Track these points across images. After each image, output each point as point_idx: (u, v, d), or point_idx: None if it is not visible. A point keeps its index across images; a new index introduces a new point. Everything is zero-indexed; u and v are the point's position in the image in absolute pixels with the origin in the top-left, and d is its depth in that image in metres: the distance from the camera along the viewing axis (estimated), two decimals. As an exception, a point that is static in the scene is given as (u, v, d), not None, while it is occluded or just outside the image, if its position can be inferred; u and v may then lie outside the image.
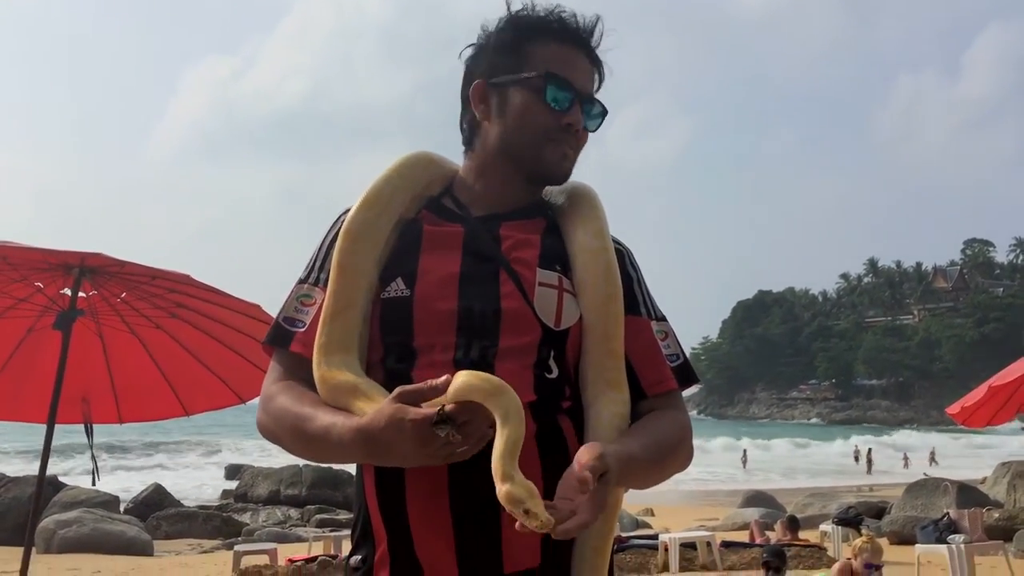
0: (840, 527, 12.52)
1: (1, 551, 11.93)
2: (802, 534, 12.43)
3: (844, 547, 11.05)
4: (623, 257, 1.63)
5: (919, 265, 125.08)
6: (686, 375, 1.60)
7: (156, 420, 5.29)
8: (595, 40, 1.61)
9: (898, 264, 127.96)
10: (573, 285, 1.54)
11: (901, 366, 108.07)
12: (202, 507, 20.58)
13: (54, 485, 16.47)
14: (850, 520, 12.88)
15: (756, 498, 19.94)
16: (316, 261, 1.60)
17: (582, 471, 1.28)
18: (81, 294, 4.38)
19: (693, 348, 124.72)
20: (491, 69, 1.60)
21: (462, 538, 1.40)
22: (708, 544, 11.21)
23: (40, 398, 4.42)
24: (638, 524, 16.63)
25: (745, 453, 44.29)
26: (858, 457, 44.72)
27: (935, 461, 42.16)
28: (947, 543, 9.57)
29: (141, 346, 4.73)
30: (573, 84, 1.57)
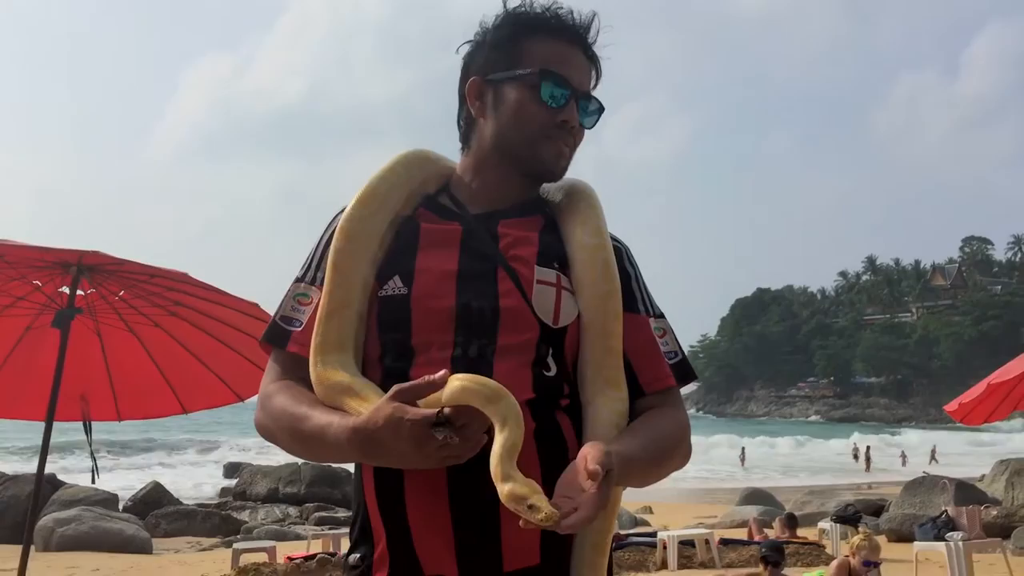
0: (838, 525, 12.53)
1: (0, 549, 11.92)
2: (800, 532, 12.45)
3: (842, 545, 11.06)
4: (621, 254, 1.62)
5: (918, 263, 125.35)
6: (684, 372, 1.60)
7: (155, 418, 5.29)
8: (592, 37, 1.61)
9: (897, 262, 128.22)
10: (571, 283, 1.54)
11: (899, 364, 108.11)
12: (201, 505, 20.55)
13: (53, 483, 16.43)
14: (848, 518, 12.89)
15: (754, 496, 19.95)
16: (313, 260, 1.60)
17: (592, 464, 1.27)
18: (79, 292, 4.38)
19: (692, 346, 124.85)
20: (487, 66, 1.60)
21: (461, 537, 1.39)
22: (706, 542, 11.23)
23: (39, 396, 4.41)
24: (637, 522, 16.61)
25: (743, 451, 44.28)
26: (857, 455, 44.73)
27: (936, 459, 42.14)
28: (945, 540, 9.59)
29: (139, 344, 4.73)
30: (569, 81, 1.56)
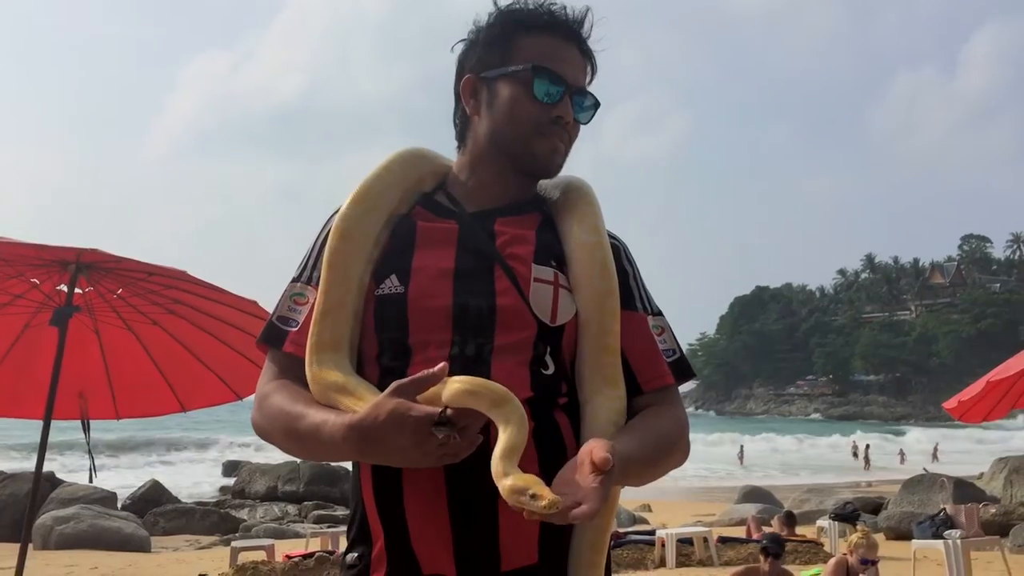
0: (837, 523, 12.54)
1: (-2, 547, 11.91)
2: (799, 530, 12.46)
3: (840, 542, 11.06)
4: (619, 252, 1.62)
5: (916, 261, 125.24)
6: (683, 370, 1.60)
7: (153, 416, 5.28)
8: (586, 32, 1.60)
9: (895, 260, 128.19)
10: (569, 281, 1.54)
11: (898, 362, 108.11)
12: (200, 503, 20.56)
13: (51, 481, 16.41)
14: (847, 516, 12.89)
15: (753, 494, 19.95)
16: (309, 260, 1.59)
17: (602, 452, 1.26)
18: (77, 290, 4.37)
19: (690, 344, 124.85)
20: (481, 63, 1.60)
21: (459, 536, 1.39)
22: (705, 540, 11.24)
23: (37, 394, 4.41)
24: (635, 520, 16.62)
25: (742, 449, 44.27)
26: (856, 453, 44.75)
27: (937, 457, 42.14)
28: (943, 538, 9.59)
29: (138, 342, 4.73)
30: (563, 76, 1.56)
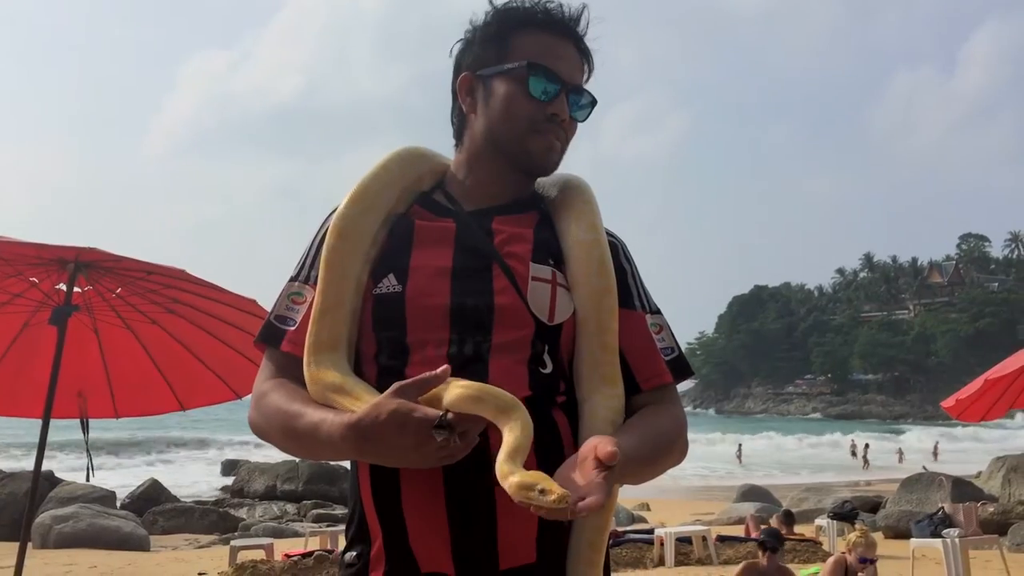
0: (835, 521, 12.55)
1: (-3, 546, 11.91)
2: (797, 528, 12.45)
3: (839, 541, 11.07)
4: (617, 250, 1.62)
5: (915, 260, 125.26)
6: (681, 368, 1.59)
7: (152, 415, 5.29)
8: (582, 29, 1.60)
9: (894, 259, 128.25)
10: (567, 279, 1.54)
11: (897, 361, 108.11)
12: (199, 502, 20.56)
13: (50, 480, 16.41)
14: (845, 514, 12.91)
15: (752, 492, 19.94)
16: (307, 259, 1.59)
17: (604, 448, 1.26)
18: (76, 289, 4.37)
19: (689, 343, 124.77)
20: (477, 62, 1.60)
21: (458, 535, 1.39)
22: (704, 538, 11.25)
23: (36, 393, 4.41)
24: (634, 519, 16.63)
25: (740, 447, 44.25)
26: (855, 452, 44.75)
27: (937, 456, 42.14)
28: (942, 537, 9.60)
29: (137, 341, 4.73)
30: (559, 74, 1.56)
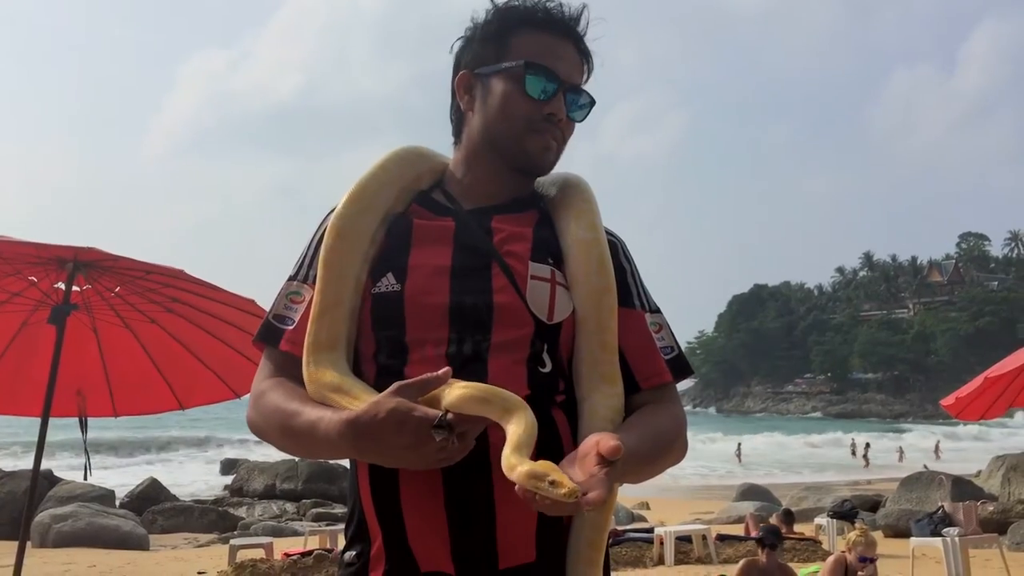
0: (835, 520, 12.56)
1: (-4, 545, 11.90)
2: (797, 527, 12.46)
3: (839, 540, 11.08)
4: (616, 249, 1.61)
5: (914, 259, 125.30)
6: (680, 367, 1.59)
7: (151, 414, 5.29)
8: (582, 29, 1.60)
9: (893, 258, 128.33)
10: (566, 278, 1.53)
11: (896, 360, 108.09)
12: (198, 501, 20.54)
13: (49, 479, 16.40)
14: (845, 513, 12.93)
15: (751, 492, 19.95)
16: (305, 258, 1.59)
17: (608, 443, 1.25)
18: (75, 288, 4.38)
19: (689, 342, 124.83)
20: (475, 60, 1.60)
21: (457, 534, 1.39)
22: (703, 537, 11.25)
23: (35, 392, 4.41)
24: (634, 517, 16.62)
25: (739, 447, 44.24)
26: (854, 451, 44.76)
27: (939, 455, 42.13)
28: (942, 536, 9.61)
29: (135, 340, 4.73)
30: (557, 73, 1.55)
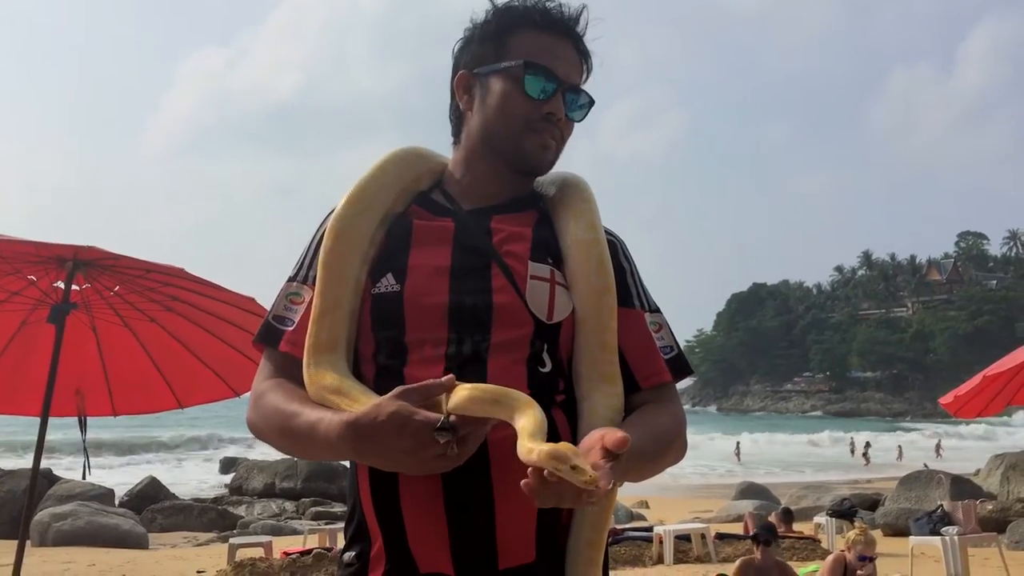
0: (834, 519, 12.57)
1: (-4, 544, 11.90)
2: (796, 526, 12.47)
3: (838, 539, 11.09)
4: (616, 248, 1.61)
5: (913, 258, 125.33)
6: (680, 367, 1.59)
7: (150, 413, 5.28)
8: (580, 29, 1.60)
9: (892, 257, 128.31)
10: (565, 278, 1.53)
11: (895, 358, 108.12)
12: (197, 500, 20.50)
13: (48, 478, 16.40)
14: (844, 512, 12.94)
15: (750, 490, 19.94)
16: (305, 259, 1.60)
17: (614, 436, 1.24)
18: (74, 287, 4.37)
19: (687, 341, 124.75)
20: (474, 60, 1.60)
21: (456, 535, 1.39)
22: (703, 536, 11.25)
23: (34, 391, 4.41)
24: (633, 516, 16.63)
25: (738, 445, 44.21)
26: (853, 449, 44.77)
27: (940, 454, 42.12)
28: (941, 535, 9.62)
29: (135, 339, 4.72)
30: (555, 73, 1.56)
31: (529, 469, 1.20)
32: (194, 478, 28.57)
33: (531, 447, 1.21)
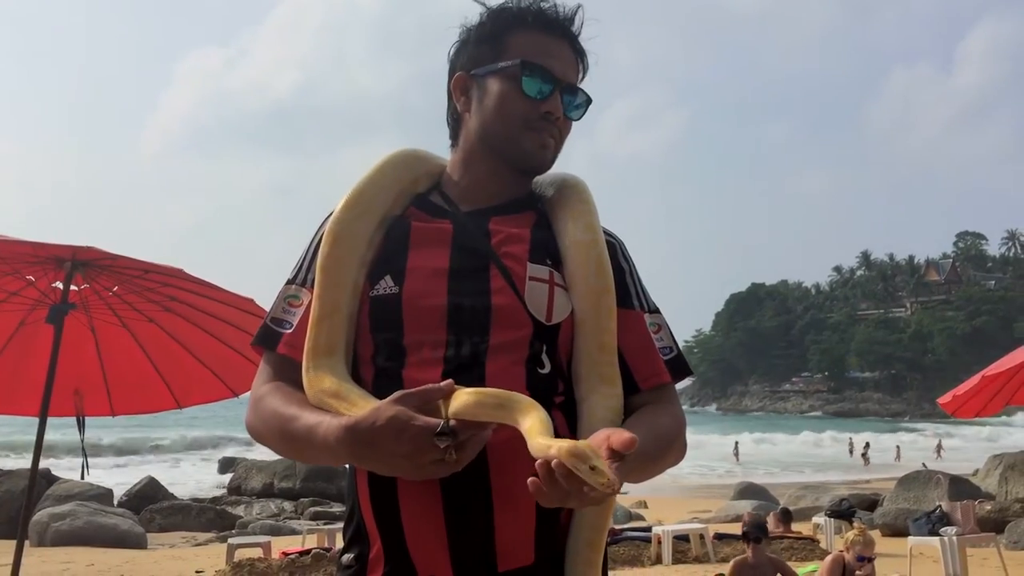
0: (833, 519, 12.57)
1: (-6, 544, 11.88)
2: (795, 526, 12.46)
3: (837, 539, 11.08)
4: (615, 249, 1.61)
5: (912, 258, 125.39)
6: (679, 368, 1.59)
7: (149, 413, 5.28)
8: (576, 28, 1.60)
9: (891, 257, 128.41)
10: (564, 279, 1.53)
11: (893, 359, 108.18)
12: (196, 500, 20.49)
13: (47, 478, 16.39)
14: (843, 512, 12.92)
15: (749, 491, 19.93)
16: (304, 262, 1.59)
17: (621, 437, 1.23)
18: (73, 288, 4.37)
19: (686, 341, 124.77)
20: (471, 61, 1.60)
21: (455, 537, 1.38)
22: (701, 536, 11.26)
23: (32, 391, 4.41)
24: (631, 516, 16.63)
25: (737, 445, 44.20)
26: (852, 449, 44.77)
27: (941, 454, 42.12)
28: (939, 535, 9.61)
29: (133, 339, 4.72)
30: (552, 72, 1.56)
31: (538, 463, 1.19)
32: (192, 478, 28.56)
33: (549, 443, 1.19)
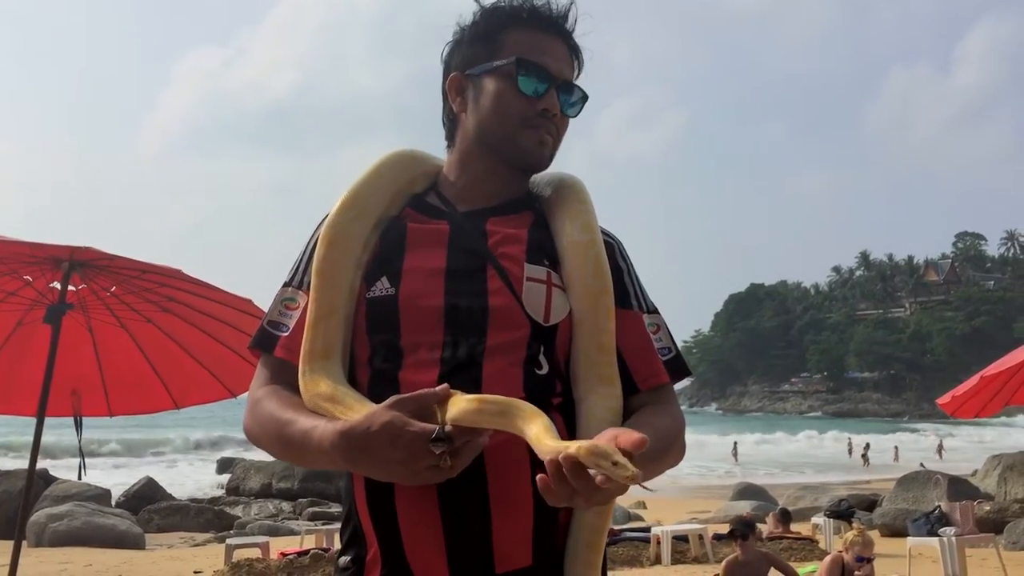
0: (832, 520, 12.56)
1: (-8, 545, 11.88)
2: (794, 527, 12.47)
3: (835, 540, 11.08)
4: (613, 249, 1.61)
5: (911, 258, 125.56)
6: (678, 368, 1.58)
7: (146, 413, 5.28)
8: (570, 25, 1.60)
9: (890, 257, 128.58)
10: (562, 279, 1.52)
11: (892, 359, 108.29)
12: (194, 500, 20.50)
13: (45, 479, 16.38)
14: (842, 513, 12.92)
15: (748, 491, 19.94)
16: (300, 264, 1.59)
17: (629, 437, 1.21)
18: (71, 288, 4.36)
19: (685, 341, 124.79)
20: (466, 61, 1.60)
21: (453, 539, 1.38)
22: (700, 537, 11.26)
23: (30, 391, 4.40)
24: (630, 517, 16.63)
25: (736, 446, 44.20)
26: (851, 450, 44.78)
27: (942, 454, 42.14)
28: (938, 535, 9.62)
29: (131, 340, 4.72)
30: (548, 69, 1.55)
31: (547, 460, 1.18)
32: (191, 478, 28.52)
33: (566, 443, 1.18)
